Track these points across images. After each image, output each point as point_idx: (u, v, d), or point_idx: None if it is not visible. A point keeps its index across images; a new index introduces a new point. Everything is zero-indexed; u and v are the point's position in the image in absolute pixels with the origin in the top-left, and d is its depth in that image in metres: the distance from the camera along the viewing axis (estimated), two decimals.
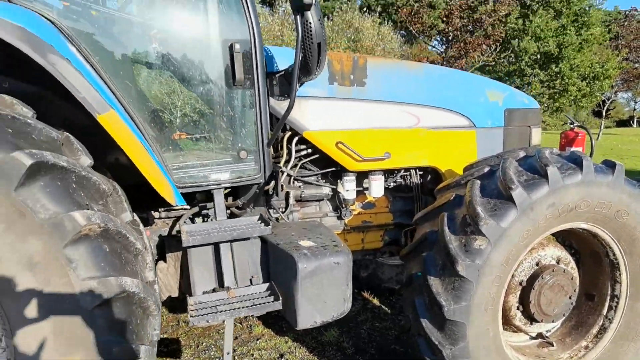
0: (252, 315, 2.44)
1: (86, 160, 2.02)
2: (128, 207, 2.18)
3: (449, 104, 3.27)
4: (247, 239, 2.59)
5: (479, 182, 2.45)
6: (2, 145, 1.66)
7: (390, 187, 3.45)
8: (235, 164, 2.59)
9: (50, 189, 1.74)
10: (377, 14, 19.92)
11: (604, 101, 29.37)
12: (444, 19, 21.64)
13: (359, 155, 3.04)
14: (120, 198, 2.17)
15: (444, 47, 23.47)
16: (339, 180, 3.18)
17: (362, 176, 3.28)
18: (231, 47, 2.37)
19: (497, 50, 21.94)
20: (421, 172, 3.48)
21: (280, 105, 2.78)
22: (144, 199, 2.56)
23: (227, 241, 2.53)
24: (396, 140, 3.15)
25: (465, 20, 21.42)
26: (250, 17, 2.39)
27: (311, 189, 3.23)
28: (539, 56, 22.31)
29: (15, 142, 1.72)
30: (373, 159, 3.10)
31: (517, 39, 21.94)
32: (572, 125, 3.50)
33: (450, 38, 22.02)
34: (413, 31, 22.80)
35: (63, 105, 2.21)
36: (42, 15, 2.07)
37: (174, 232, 2.90)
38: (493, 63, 22.85)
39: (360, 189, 3.32)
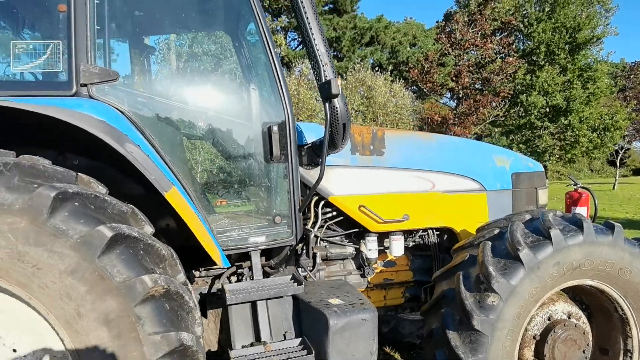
0: None
1: (149, 229, 2.35)
2: (182, 269, 2.49)
3: (461, 169, 3.59)
4: (281, 296, 2.86)
5: (490, 243, 2.73)
6: (88, 220, 2.02)
7: (409, 246, 3.68)
8: (271, 228, 2.91)
9: (124, 256, 2.06)
10: (389, 72, 20.83)
11: (617, 151, 29.50)
12: (454, 78, 22.51)
13: (379, 218, 3.34)
14: (175, 261, 2.47)
15: (455, 103, 24.23)
16: (361, 241, 3.46)
17: (383, 236, 3.54)
18: (269, 129, 2.75)
19: (507, 105, 22.54)
20: (438, 232, 3.73)
21: (309, 173, 3.14)
22: (186, 259, 2.87)
23: (264, 299, 2.80)
24: (414, 204, 3.45)
25: (475, 77, 22.25)
26: (286, 103, 2.79)
27: (336, 248, 3.51)
28: (547, 110, 22.79)
29: (97, 217, 2.07)
30: (393, 220, 3.39)
31: (525, 94, 22.55)
32: (575, 187, 3.77)
33: (460, 96, 22.79)
34: (424, 89, 23.67)
35: (117, 176, 2.57)
36: (115, 107, 2.48)
37: (213, 290, 3.18)
38: (503, 117, 23.39)
39: (382, 248, 3.57)
